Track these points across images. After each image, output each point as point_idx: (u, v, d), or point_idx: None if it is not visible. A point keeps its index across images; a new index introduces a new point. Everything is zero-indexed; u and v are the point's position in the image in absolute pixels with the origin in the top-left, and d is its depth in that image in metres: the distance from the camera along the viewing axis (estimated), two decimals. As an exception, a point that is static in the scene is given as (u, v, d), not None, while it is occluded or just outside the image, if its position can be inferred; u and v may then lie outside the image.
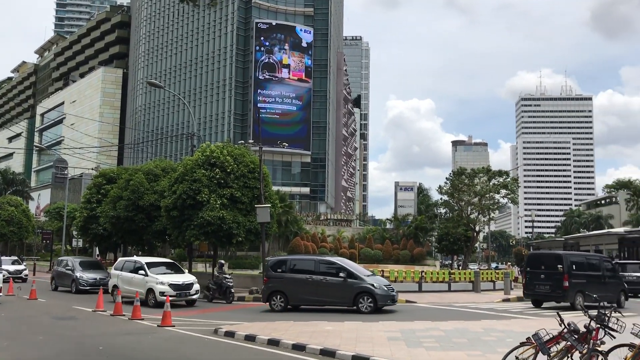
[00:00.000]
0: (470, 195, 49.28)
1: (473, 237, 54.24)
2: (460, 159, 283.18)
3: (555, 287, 21.22)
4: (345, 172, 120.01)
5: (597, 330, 8.28)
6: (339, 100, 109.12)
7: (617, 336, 8.32)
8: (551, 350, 8.56)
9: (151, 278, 21.24)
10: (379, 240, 63.99)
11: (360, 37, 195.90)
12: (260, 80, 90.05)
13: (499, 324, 16.16)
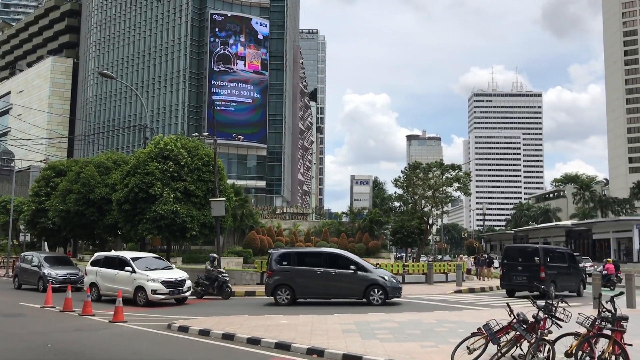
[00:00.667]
0: (424, 188, 50.05)
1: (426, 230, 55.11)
2: (415, 153, 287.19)
3: (533, 277, 22.17)
4: (301, 165, 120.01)
5: (545, 320, 8.53)
6: (296, 93, 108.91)
7: (564, 325, 8.59)
8: (501, 340, 8.77)
9: (140, 275, 19.51)
10: (335, 234, 64.28)
11: (317, 30, 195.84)
12: (215, 72, 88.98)
13: (451, 315, 16.45)
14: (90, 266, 21.45)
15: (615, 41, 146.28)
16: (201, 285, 22.74)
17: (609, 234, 61.49)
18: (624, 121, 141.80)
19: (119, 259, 20.81)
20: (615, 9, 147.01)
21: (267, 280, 20.06)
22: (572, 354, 8.11)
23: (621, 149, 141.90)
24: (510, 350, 8.86)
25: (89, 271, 21.40)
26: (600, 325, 8.17)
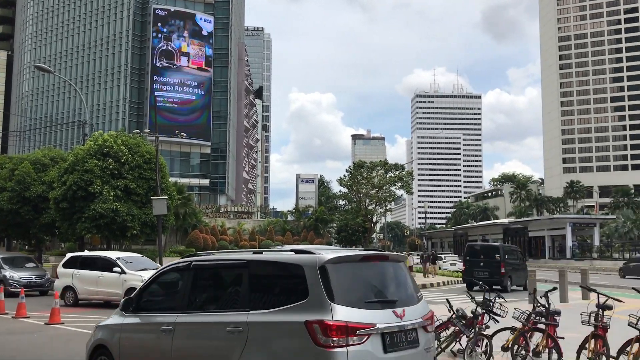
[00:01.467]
0: (368, 187, 50.68)
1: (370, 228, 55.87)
2: (360, 153, 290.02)
3: (494, 273, 24.57)
4: (246, 163, 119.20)
5: (483, 315, 8.77)
6: (240, 90, 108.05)
7: (501, 320, 8.87)
8: (441, 336, 8.97)
9: (132, 276, 18.06)
10: (280, 232, 64.19)
11: (262, 28, 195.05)
12: (157, 67, 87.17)
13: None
14: (63, 268, 19.66)
15: (551, 46, 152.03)
16: None
17: (544, 231, 63.75)
18: (558, 123, 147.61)
19: (101, 259, 19.37)
20: (551, 14, 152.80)
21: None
22: (508, 348, 8.38)
23: (556, 150, 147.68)
24: (450, 345, 9.08)
25: (61, 274, 19.58)
26: (535, 319, 8.48)
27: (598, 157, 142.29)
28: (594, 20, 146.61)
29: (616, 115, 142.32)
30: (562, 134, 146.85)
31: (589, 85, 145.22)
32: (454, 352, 9.12)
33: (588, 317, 7.81)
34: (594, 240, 61.43)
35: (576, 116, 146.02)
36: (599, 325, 7.68)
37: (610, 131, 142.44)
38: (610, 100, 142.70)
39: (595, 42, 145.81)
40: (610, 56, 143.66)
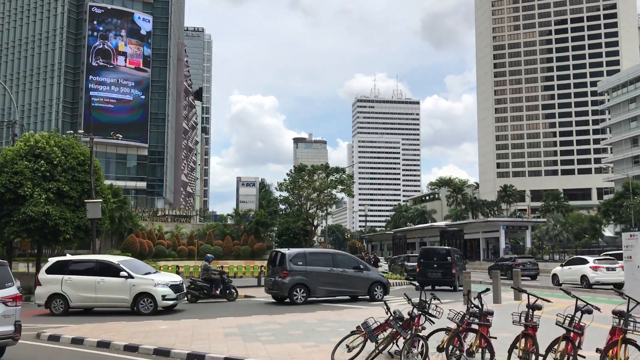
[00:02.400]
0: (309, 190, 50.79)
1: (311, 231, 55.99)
2: (301, 156, 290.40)
3: (446, 274, 26.96)
4: (185, 166, 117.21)
5: (419, 316, 8.93)
6: (180, 91, 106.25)
7: (436, 321, 9.05)
8: (379, 337, 9.07)
9: (141, 280, 17.45)
10: (219, 236, 63.44)
11: (203, 29, 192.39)
12: (93, 67, 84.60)
13: (332, 314, 16.79)
14: (48, 274, 18.05)
15: (486, 54, 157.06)
16: (201, 288, 21.53)
17: (479, 234, 65.64)
18: (492, 129, 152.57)
19: (101, 263, 18.22)
20: (487, 24, 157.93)
21: (282, 280, 20.15)
22: (443, 348, 8.57)
23: (490, 155, 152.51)
24: (387, 347, 9.19)
25: (46, 280, 17.91)
26: (469, 320, 8.71)
27: (530, 163, 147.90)
28: (526, 31, 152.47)
29: (547, 122, 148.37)
30: (496, 139, 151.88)
31: (522, 93, 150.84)
32: (391, 353, 9.25)
33: (519, 317, 8.07)
34: (526, 242, 63.70)
35: (509, 123, 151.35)
36: (529, 324, 7.96)
37: (542, 137, 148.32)
38: (542, 108, 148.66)
39: (528, 52, 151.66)
40: (542, 65, 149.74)
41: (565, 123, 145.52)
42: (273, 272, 20.99)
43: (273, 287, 20.77)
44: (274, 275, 20.71)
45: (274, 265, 21.08)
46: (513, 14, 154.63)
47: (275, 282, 20.50)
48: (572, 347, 7.61)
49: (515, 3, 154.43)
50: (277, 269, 20.63)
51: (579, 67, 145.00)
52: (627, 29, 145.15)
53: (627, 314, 7.38)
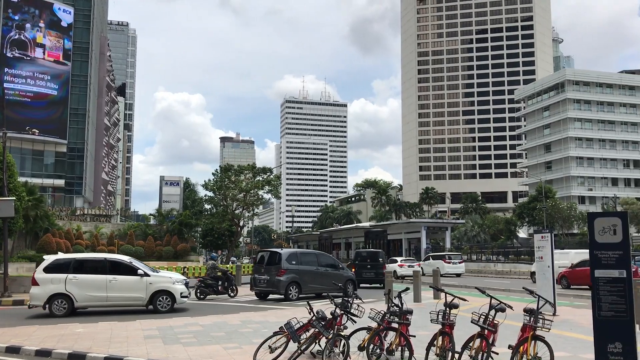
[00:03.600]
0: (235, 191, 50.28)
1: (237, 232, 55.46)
2: (228, 156, 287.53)
3: (378, 274, 30.00)
4: (106, 164, 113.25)
5: (341, 316, 9.03)
6: (102, 87, 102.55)
7: (358, 321, 9.18)
8: (301, 338, 9.10)
9: (159, 278, 17.47)
10: (141, 237, 61.66)
11: (127, 23, 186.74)
12: (8, 58, 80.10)
13: (256, 315, 16.70)
14: (47, 273, 16.82)
15: (411, 60, 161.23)
16: (210, 286, 23.01)
17: (402, 234, 67.19)
18: (416, 133, 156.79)
19: (110, 261, 17.61)
20: (412, 31, 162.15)
21: (279, 278, 21.28)
22: (364, 347, 8.70)
23: (413, 158, 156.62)
24: (310, 347, 9.23)
25: (45, 280, 16.70)
26: (389, 319, 8.89)
27: (450, 166, 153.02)
28: (449, 39, 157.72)
29: (467, 127, 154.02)
30: (419, 143, 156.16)
31: (444, 99, 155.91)
32: (313, 353, 9.30)
33: (436, 315, 8.32)
34: (445, 242, 65.77)
35: (432, 127, 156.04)
36: (446, 323, 8.21)
37: (462, 142, 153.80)
38: (462, 114, 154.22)
39: (450, 59, 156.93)
40: (463, 72, 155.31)
41: (484, 129, 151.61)
42: (266, 271, 21.94)
43: (268, 285, 21.78)
44: (268, 274, 21.74)
45: (266, 265, 22.23)
46: (437, 22, 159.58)
47: (271, 280, 21.54)
48: (486, 344, 7.91)
49: (439, 12, 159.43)
50: (272, 268, 21.73)
51: (497, 75, 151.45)
52: (543, 40, 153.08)
53: (536, 311, 7.76)
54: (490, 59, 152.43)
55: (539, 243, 15.79)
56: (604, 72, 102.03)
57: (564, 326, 13.34)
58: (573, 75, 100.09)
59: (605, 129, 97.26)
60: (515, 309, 8.65)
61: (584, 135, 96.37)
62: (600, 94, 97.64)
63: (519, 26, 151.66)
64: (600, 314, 6.91)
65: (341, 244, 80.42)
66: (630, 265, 6.95)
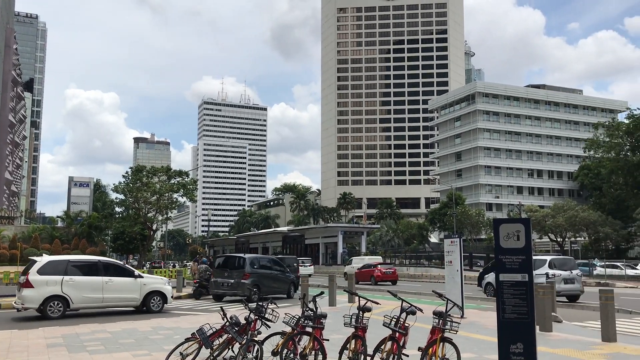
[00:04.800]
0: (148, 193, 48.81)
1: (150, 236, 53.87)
2: (142, 157, 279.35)
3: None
4: (10, 163, 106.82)
5: (255, 321, 8.93)
6: (6, 81, 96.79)
7: (272, 325, 9.11)
8: (214, 344, 8.91)
9: (152, 279, 18.92)
10: (47, 240, 58.72)
11: (37, 15, 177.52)
12: None
13: (168, 321, 16.24)
14: (42, 275, 16.57)
15: (331, 67, 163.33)
16: (205, 287, 25.12)
17: (319, 239, 67.80)
18: (335, 139, 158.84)
19: (105, 264, 18.21)
20: (332, 38, 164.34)
21: (244, 281, 22.46)
22: (278, 352, 8.63)
23: (332, 164, 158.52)
24: (223, 353, 9.05)
25: (40, 282, 16.47)
26: (303, 323, 8.87)
27: (367, 172, 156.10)
28: (368, 48, 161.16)
29: (383, 135, 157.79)
30: (338, 149, 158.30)
31: (362, 106, 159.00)
32: (226, 359, 9.13)
33: (350, 319, 8.39)
34: (361, 247, 66.95)
35: (350, 134, 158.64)
36: (359, 326, 8.29)
37: (379, 149, 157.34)
38: (380, 122, 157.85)
39: (369, 68, 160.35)
40: (381, 81, 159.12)
41: (400, 136, 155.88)
42: (229, 274, 23.27)
43: (231, 288, 23.06)
44: (231, 277, 23.07)
45: (230, 269, 23.53)
46: (356, 30, 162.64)
47: (236, 283, 22.81)
48: (397, 346, 8.05)
49: (359, 21, 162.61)
50: (236, 272, 23.11)
51: (413, 85, 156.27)
52: (456, 53, 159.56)
53: (445, 314, 7.99)
54: (406, 69, 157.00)
55: (448, 248, 16.34)
56: (511, 86, 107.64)
57: (471, 328, 13.85)
58: (483, 87, 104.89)
59: (512, 139, 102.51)
60: (426, 312, 8.87)
61: (492, 145, 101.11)
62: (508, 107, 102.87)
63: (434, 38, 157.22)
64: (504, 316, 7.20)
65: (258, 249, 80.00)
66: (532, 269, 7.29)
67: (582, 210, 67.34)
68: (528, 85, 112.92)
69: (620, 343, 11.69)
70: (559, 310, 17.15)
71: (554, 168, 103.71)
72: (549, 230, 70.62)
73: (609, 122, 67.28)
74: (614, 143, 59.27)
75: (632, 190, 59.24)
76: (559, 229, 69.45)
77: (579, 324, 15.70)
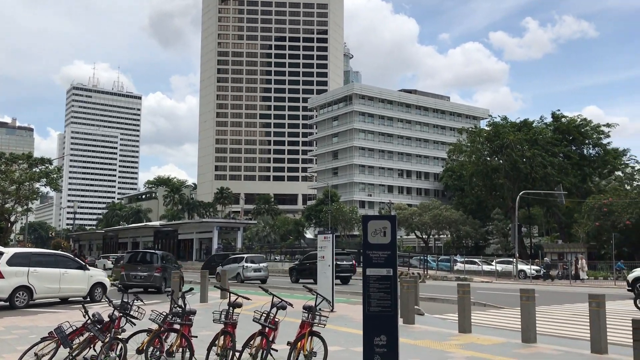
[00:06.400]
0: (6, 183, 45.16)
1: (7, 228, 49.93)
2: (2, 143, 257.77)
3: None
4: None
5: (120, 318, 8.56)
6: None
7: (138, 323, 8.78)
8: (74, 343, 8.43)
9: (96, 272, 20.74)
10: None
11: None
12: None
13: (24, 320, 15.11)
14: (10, 266, 17.57)
15: (211, 59, 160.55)
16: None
17: (193, 234, 66.37)
18: (213, 132, 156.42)
19: (61, 256, 20.10)
20: (213, 29, 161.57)
21: (158, 275, 25.45)
22: (143, 350, 8.34)
23: (209, 158, 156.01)
24: (83, 352, 8.59)
25: (9, 272, 17.48)
26: (171, 320, 8.65)
27: (246, 167, 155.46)
28: (250, 42, 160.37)
29: (263, 130, 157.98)
30: (216, 143, 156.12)
31: (242, 100, 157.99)
32: (87, 358, 8.67)
33: (219, 315, 8.29)
34: (237, 242, 66.54)
35: (229, 128, 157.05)
36: (228, 322, 8.23)
37: (258, 144, 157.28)
38: (260, 117, 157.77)
39: (250, 62, 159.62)
40: (262, 77, 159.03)
41: (280, 133, 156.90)
42: (143, 268, 25.79)
43: (145, 280, 25.40)
44: (145, 271, 25.57)
45: (143, 263, 26.09)
46: (238, 23, 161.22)
47: (150, 276, 25.45)
48: (267, 341, 8.10)
49: (241, 14, 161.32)
50: (150, 266, 25.77)
51: (294, 82, 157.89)
52: (335, 54, 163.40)
53: (314, 308, 8.15)
54: (287, 66, 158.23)
55: (321, 243, 16.68)
56: (386, 89, 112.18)
57: (339, 322, 14.24)
58: (360, 89, 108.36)
59: (385, 140, 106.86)
60: (298, 307, 8.99)
61: (366, 145, 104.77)
62: (383, 109, 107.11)
63: (314, 38, 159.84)
64: (369, 309, 7.46)
65: (128, 244, 76.78)
66: (397, 264, 7.63)
67: (446, 210, 71.96)
68: (401, 90, 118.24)
69: (474, 334, 12.59)
70: (422, 304, 18.12)
71: (422, 169, 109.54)
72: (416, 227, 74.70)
73: (471, 128, 72.29)
74: (475, 148, 63.65)
75: (490, 192, 64.02)
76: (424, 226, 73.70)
77: (440, 317, 16.69)
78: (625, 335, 11.26)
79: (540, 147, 58.19)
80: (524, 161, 57.50)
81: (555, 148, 59.48)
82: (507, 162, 57.69)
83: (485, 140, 62.03)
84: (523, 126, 63.23)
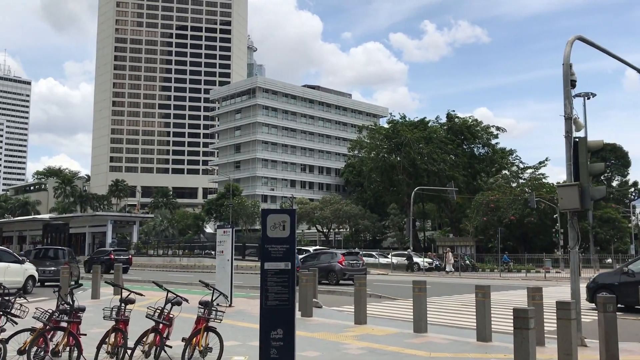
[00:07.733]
0: None
1: None
2: None
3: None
4: None
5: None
6: None
7: (21, 322, 8.26)
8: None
9: (29, 265, 21.30)
10: None
11: None
12: None
13: None
14: None
15: (108, 44, 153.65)
16: None
17: (86, 228, 63.50)
18: (109, 122, 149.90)
19: (4, 251, 21.48)
20: (110, 14, 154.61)
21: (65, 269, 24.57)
22: (25, 351, 7.86)
23: (104, 148, 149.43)
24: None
25: None
26: (58, 318, 8.20)
27: (143, 159, 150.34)
28: (149, 29, 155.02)
29: (162, 121, 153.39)
30: (112, 133, 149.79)
31: (141, 89, 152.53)
32: (-43, 364, 8.04)
33: (110, 311, 7.97)
34: (133, 237, 64.40)
35: (126, 117, 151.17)
36: (120, 319, 7.93)
37: (156, 136, 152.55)
38: (159, 107, 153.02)
39: (149, 50, 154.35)
40: (162, 66, 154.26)
41: (180, 124, 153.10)
42: (51, 264, 26.09)
43: (54, 275, 24.76)
44: (54, 266, 25.55)
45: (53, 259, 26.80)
46: (137, 10, 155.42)
47: (58, 271, 24.06)
48: (160, 338, 7.90)
49: (140, 0, 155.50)
50: (58, 262, 26.08)
51: (195, 73, 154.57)
52: (239, 46, 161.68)
53: (211, 303, 8.04)
54: (189, 56, 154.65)
55: (221, 238, 16.50)
56: (290, 84, 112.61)
57: (237, 316, 14.16)
58: (264, 83, 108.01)
59: (288, 135, 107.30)
60: (194, 302, 8.82)
61: (270, 139, 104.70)
62: (286, 104, 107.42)
63: (217, 29, 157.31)
64: (267, 303, 7.45)
65: (14, 238, 72.05)
66: (295, 258, 7.66)
67: (346, 204, 73.48)
68: (305, 85, 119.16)
69: (370, 325, 12.95)
70: (320, 297, 18.39)
71: (324, 164, 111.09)
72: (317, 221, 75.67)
73: (371, 125, 74.24)
74: (375, 145, 65.42)
75: (387, 188, 66.06)
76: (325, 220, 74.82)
77: (337, 309, 17.02)
78: (508, 323, 12.02)
79: (434, 145, 60.76)
80: (420, 158, 59.81)
81: (448, 146, 62.34)
82: (406, 159, 59.72)
83: (385, 138, 63.88)
84: (420, 124, 65.74)
